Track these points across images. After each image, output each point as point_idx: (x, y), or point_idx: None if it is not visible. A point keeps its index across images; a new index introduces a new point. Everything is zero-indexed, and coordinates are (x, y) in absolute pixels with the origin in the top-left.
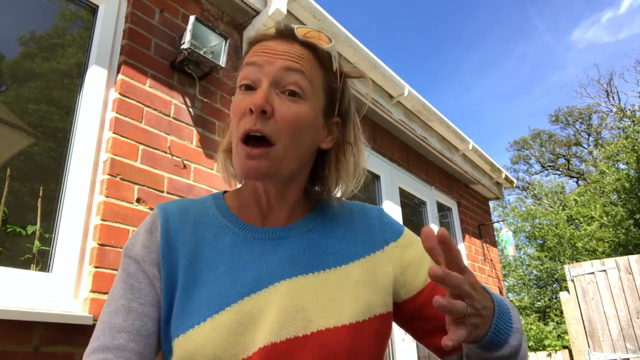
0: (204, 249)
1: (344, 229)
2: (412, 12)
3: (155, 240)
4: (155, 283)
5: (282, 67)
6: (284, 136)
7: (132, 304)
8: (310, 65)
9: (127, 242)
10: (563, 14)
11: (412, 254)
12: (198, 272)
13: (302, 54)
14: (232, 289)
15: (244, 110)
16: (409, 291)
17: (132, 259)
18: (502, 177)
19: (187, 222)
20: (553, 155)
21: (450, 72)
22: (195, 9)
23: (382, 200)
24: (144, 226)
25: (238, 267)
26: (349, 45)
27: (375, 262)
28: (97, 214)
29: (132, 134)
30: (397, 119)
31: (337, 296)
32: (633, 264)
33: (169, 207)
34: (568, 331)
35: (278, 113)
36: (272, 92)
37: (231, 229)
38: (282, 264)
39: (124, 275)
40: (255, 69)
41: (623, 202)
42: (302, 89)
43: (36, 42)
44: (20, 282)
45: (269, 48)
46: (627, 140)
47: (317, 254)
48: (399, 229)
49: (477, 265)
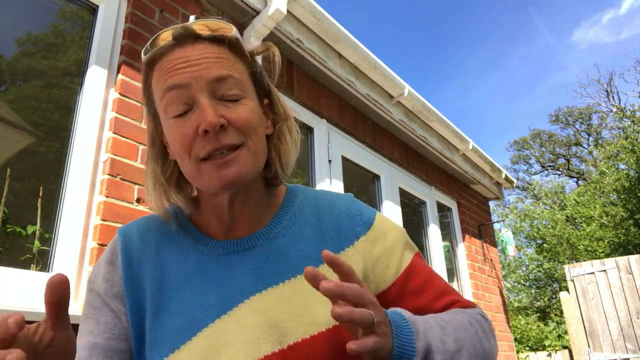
0: (170, 272)
1: (311, 228)
2: (412, 12)
3: (117, 272)
4: (121, 317)
5: (211, 80)
6: (248, 136)
7: (97, 339)
8: (231, 62)
9: (90, 273)
10: (564, 14)
11: (382, 246)
12: (166, 298)
13: (219, 53)
14: (202, 312)
15: (191, 135)
16: (379, 286)
17: (96, 292)
18: (502, 177)
19: (150, 245)
20: (553, 155)
21: (451, 73)
22: (195, 9)
23: (382, 200)
24: (105, 256)
25: (206, 288)
26: (348, 45)
27: (346, 260)
28: (97, 214)
29: (132, 134)
30: (397, 119)
31: (310, 303)
32: (633, 264)
33: (128, 231)
34: (568, 331)
35: (232, 121)
36: (215, 103)
37: (195, 247)
38: (250, 278)
39: (90, 310)
40: (181, 91)
41: (623, 202)
42: (239, 91)
43: (36, 42)
44: (20, 282)
45: (182, 60)
46: (627, 141)
47: (285, 262)
48: (369, 220)
49: (477, 265)
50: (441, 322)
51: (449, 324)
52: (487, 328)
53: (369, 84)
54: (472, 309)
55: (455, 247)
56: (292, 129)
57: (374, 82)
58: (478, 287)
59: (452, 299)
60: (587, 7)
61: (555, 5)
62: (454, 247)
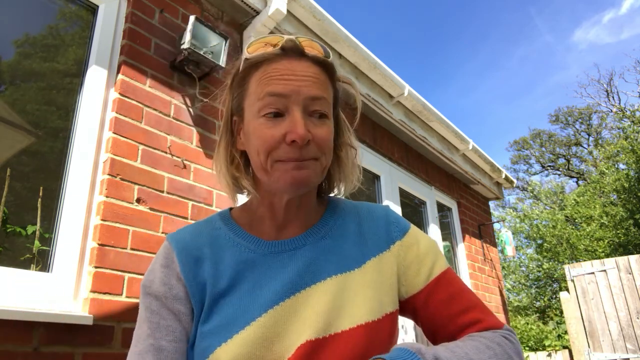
0: (224, 269)
1: (354, 232)
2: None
3: (174, 274)
4: (182, 318)
5: (309, 97)
6: (323, 152)
7: (161, 342)
8: (327, 87)
9: (144, 279)
10: (564, 14)
11: (415, 252)
12: (221, 292)
13: (319, 76)
14: (255, 304)
15: (278, 138)
16: (409, 290)
17: (153, 296)
18: (502, 177)
19: (203, 246)
20: (553, 155)
21: (451, 73)
22: (195, 9)
23: (382, 200)
24: (159, 261)
25: (259, 283)
26: (348, 45)
27: (384, 262)
28: (97, 214)
29: (132, 134)
30: (397, 119)
31: (352, 298)
32: (633, 264)
33: (181, 236)
34: (568, 331)
35: (316, 137)
36: (305, 118)
37: (247, 246)
38: (300, 273)
39: (147, 314)
40: (280, 99)
41: (623, 202)
42: (326, 110)
43: (36, 42)
44: (20, 282)
45: (288, 72)
46: (627, 141)
47: (331, 260)
48: (405, 227)
49: (477, 265)
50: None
51: (461, 349)
52: (511, 350)
53: (369, 84)
54: (496, 331)
55: (455, 247)
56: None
57: (374, 82)
58: (478, 287)
59: (477, 317)
60: (588, 7)
61: (556, 5)
62: (454, 247)
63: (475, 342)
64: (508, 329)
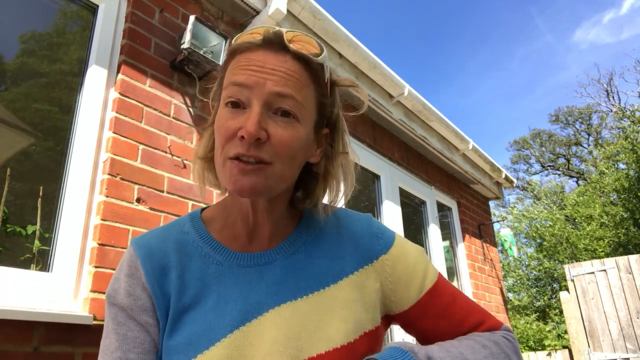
0: (189, 281)
1: (331, 245)
2: (412, 12)
3: (140, 284)
4: (150, 329)
5: (273, 92)
6: (281, 159)
7: (129, 355)
8: (301, 85)
9: (108, 288)
10: (565, 14)
11: (404, 266)
12: (185, 306)
13: (294, 71)
14: (221, 322)
15: (232, 131)
16: (401, 305)
17: (119, 307)
18: (502, 176)
19: (170, 253)
20: (553, 155)
21: (451, 73)
22: (195, 9)
23: (382, 200)
24: (123, 270)
25: (225, 299)
26: (348, 45)
27: (364, 278)
28: (97, 214)
29: (132, 134)
30: (397, 118)
31: (327, 318)
32: (633, 264)
33: (145, 241)
34: (568, 331)
35: (273, 137)
36: (264, 114)
37: (215, 257)
38: (269, 291)
39: (114, 325)
40: (243, 90)
41: (623, 202)
42: (294, 111)
43: (36, 42)
44: (20, 282)
45: (257, 64)
46: (627, 141)
47: (304, 277)
48: (389, 240)
49: (477, 265)
50: (446, 345)
51: (456, 348)
52: (509, 349)
53: (369, 84)
54: (495, 332)
55: (455, 247)
56: (346, 166)
57: (374, 81)
58: (478, 286)
59: (478, 321)
60: (588, 7)
61: (556, 6)
62: (454, 247)
63: (471, 341)
64: (506, 329)
